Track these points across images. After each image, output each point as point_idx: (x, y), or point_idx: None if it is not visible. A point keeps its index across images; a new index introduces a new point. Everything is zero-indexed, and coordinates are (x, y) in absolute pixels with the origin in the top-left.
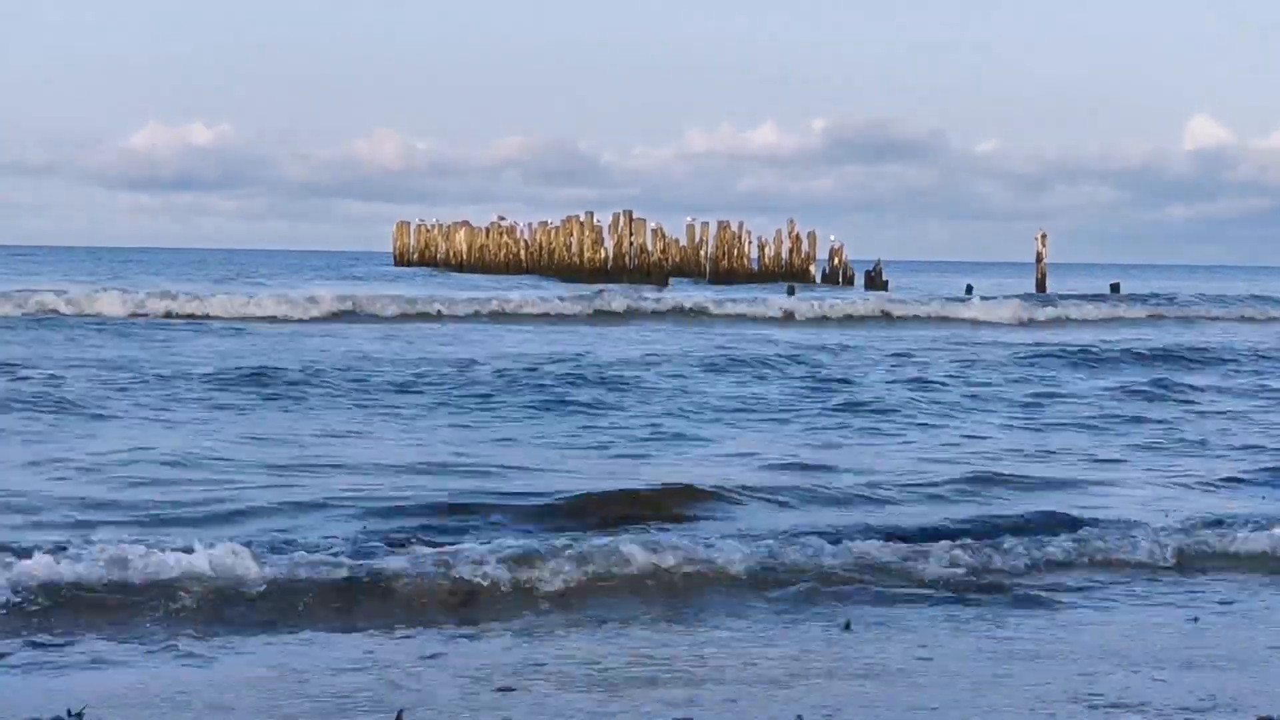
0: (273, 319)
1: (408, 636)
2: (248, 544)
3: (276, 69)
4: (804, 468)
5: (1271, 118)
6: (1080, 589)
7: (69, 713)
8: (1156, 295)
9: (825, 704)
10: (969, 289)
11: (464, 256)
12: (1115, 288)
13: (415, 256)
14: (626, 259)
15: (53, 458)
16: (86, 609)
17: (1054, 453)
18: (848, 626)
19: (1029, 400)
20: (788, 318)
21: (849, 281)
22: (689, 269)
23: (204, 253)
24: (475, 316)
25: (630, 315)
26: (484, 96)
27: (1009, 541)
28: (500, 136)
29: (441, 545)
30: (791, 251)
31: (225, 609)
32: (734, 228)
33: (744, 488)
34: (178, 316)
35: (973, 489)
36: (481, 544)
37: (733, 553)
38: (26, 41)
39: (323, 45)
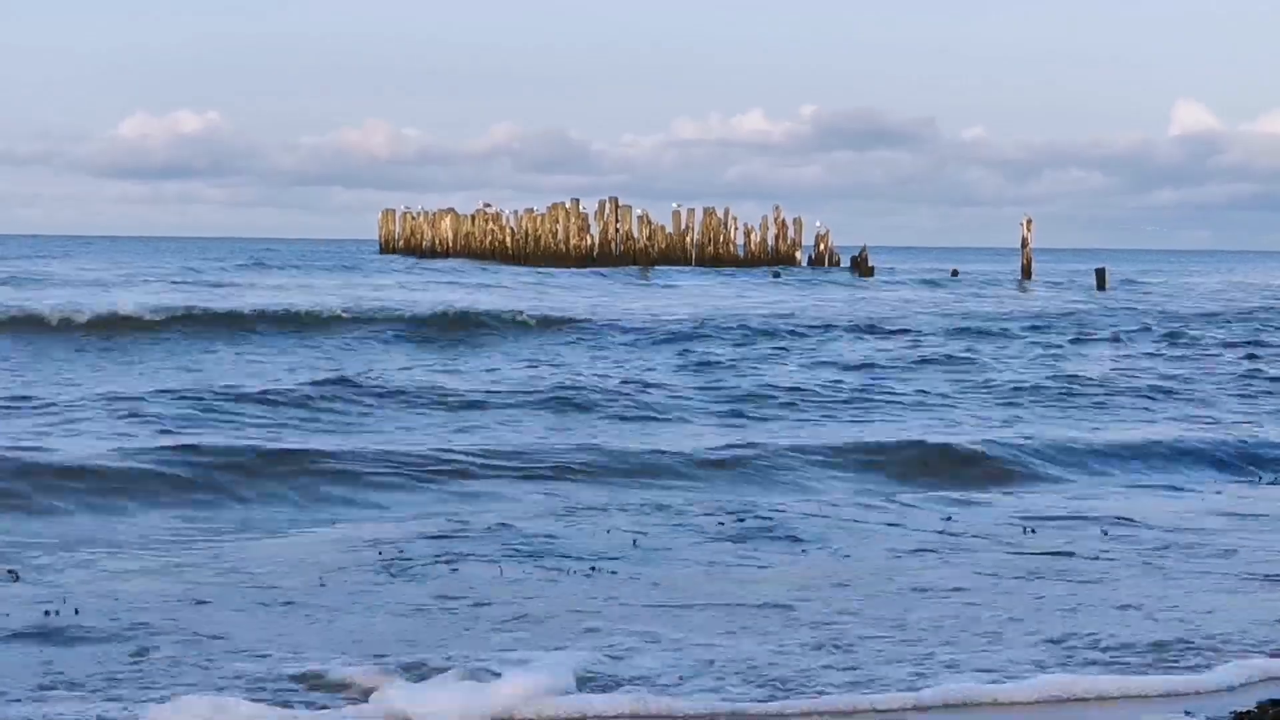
0: None
1: None
2: None
3: (266, 58)
4: None
5: (1258, 102)
6: None
7: None
8: None
9: None
10: (954, 273)
11: (450, 244)
12: (1101, 274)
13: (401, 244)
14: (613, 246)
15: None
16: None
17: None
18: None
19: None
20: None
21: (834, 267)
22: (675, 256)
23: (189, 242)
24: None
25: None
26: (475, 86)
27: None
28: (491, 125)
29: None
30: (777, 238)
31: None
32: (720, 214)
33: None
34: None
35: None
36: None
37: None
38: (16, 34)
39: (314, 34)
